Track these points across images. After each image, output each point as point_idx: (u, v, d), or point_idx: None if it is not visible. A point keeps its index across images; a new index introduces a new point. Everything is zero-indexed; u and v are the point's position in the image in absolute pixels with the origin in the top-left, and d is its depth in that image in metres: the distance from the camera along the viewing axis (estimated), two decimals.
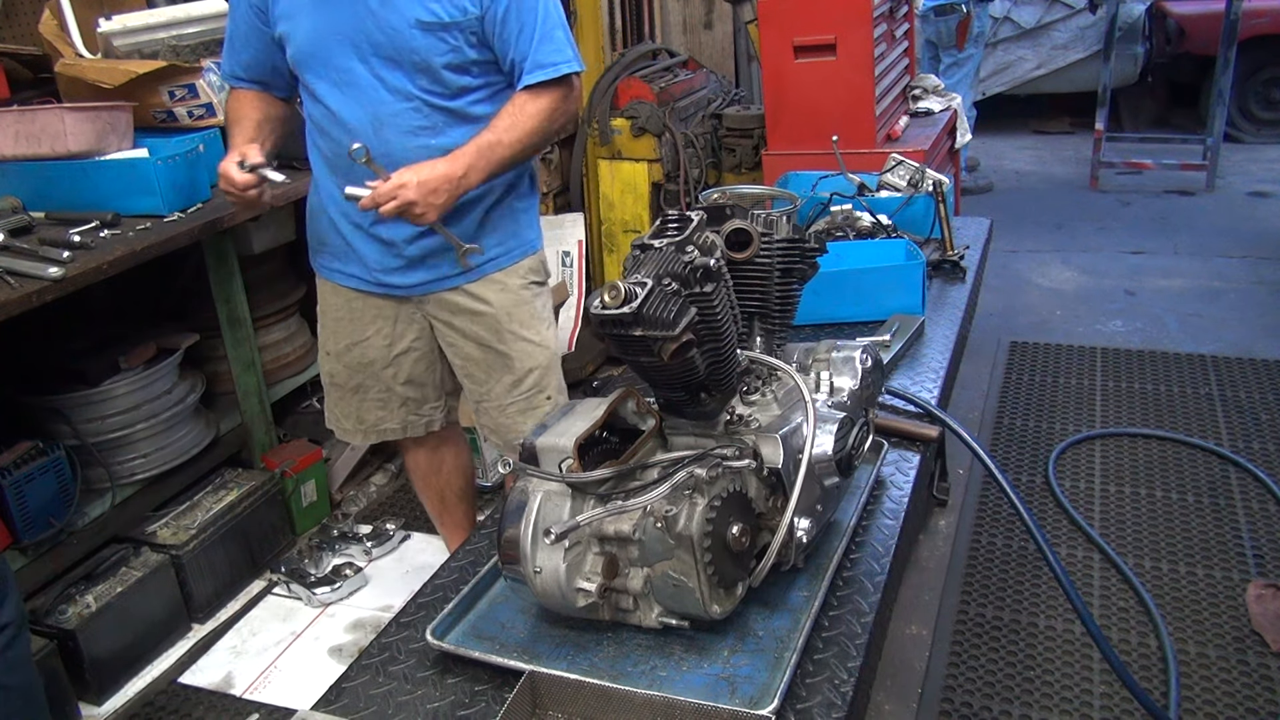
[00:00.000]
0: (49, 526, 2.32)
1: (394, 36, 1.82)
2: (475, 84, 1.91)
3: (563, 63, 1.88)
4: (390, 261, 2.01)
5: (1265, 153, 6.50)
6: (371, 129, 1.89)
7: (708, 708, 1.13)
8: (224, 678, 2.45)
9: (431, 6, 1.80)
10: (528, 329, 2.08)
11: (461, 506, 2.49)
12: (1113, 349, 3.84)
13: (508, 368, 2.09)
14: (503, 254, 2.05)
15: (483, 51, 1.88)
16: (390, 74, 1.86)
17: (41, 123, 2.36)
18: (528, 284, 2.09)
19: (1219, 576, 2.52)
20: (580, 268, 3.65)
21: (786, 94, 3.53)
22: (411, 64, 1.84)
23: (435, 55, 1.84)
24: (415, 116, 1.88)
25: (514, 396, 2.11)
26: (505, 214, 2.04)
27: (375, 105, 1.88)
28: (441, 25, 1.81)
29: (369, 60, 1.86)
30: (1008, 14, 6.87)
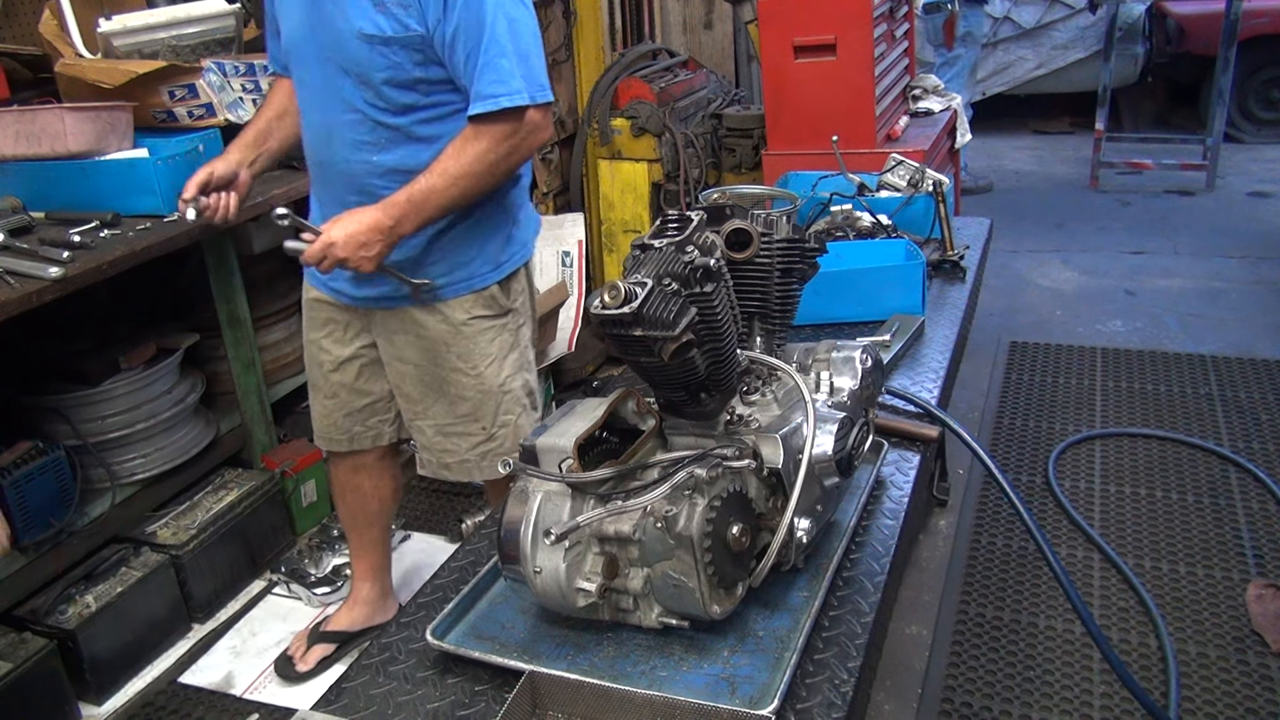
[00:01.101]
0: (49, 526, 2.32)
1: (342, 46, 1.77)
2: (423, 103, 1.81)
3: (503, 95, 1.72)
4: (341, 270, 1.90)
5: (1265, 153, 6.50)
6: (324, 136, 1.86)
7: (708, 708, 1.13)
8: (224, 678, 2.45)
9: (375, 19, 1.73)
10: (465, 362, 2.00)
11: (371, 531, 2.39)
12: (1113, 349, 3.84)
13: (442, 392, 2.04)
14: (446, 285, 1.96)
15: (432, 70, 1.78)
16: (341, 83, 1.80)
17: (41, 123, 2.36)
18: (471, 318, 1.98)
19: (1219, 576, 2.52)
20: (580, 268, 3.65)
21: (786, 94, 3.53)
22: (356, 75, 1.79)
23: (375, 70, 1.77)
24: (360, 130, 1.82)
25: (450, 418, 2.06)
26: (455, 243, 1.94)
27: (328, 113, 1.84)
28: (383, 40, 1.74)
29: (324, 65, 1.82)
30: (1008, 14, 6.87)
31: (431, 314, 1.98)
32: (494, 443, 2.09)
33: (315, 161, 1.95)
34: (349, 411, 2.17)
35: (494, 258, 1.99)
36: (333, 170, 1.88)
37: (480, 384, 2.02)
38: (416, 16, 1.72)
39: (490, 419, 2.06)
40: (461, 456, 2.10)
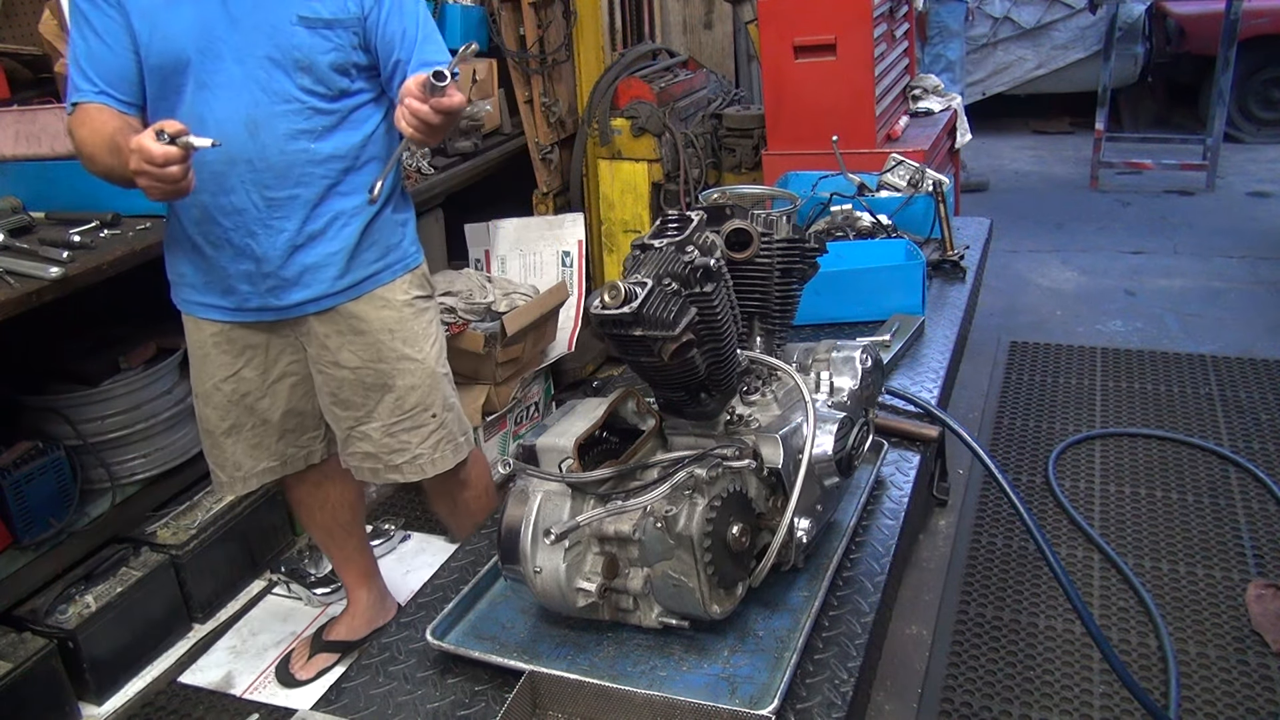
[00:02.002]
0: (49, 526, 2.32)
1: (274, 33, 1.74)
2: (354, 88, 1.84)
3: (444, 62, 1.76)
4: (262, 283, 1.89)
5: (1265, 153, 6.50)
6: (246, 132, 1.77)
7: (708, 708, 1.13)
8: (224, 677, 2.45)
9: (311, 4, 1.74)
10: (410, 346, 1.99)
11: (351, 540, 2.39)
12: (1113, 349, 3.84)
13: (388, 387, 2.00)
14: (384, 269, 1.96)
15: (364, 55, 1.82)
16: (268, 74, 1.76)
17: (41, 123, 2.36)
18: (412, 299, 2.00)
19: (1219, 576, 2.52)
20: (580, 268, 3.65)
21: (786, 94, 3.53)
22: (293, 62, 1.76)
23: (319, 53, 1.77)
24: (297, 119, 1.79)
25: (398, 415, 2.02)
26: (385, 227, 1.95)
27: (250, 107, 1.77)
28: (324, 22, 1.75)
29: (244, 60, 1.75)
30: (1008, 14, 6.87)
31: (371, 303, 1.96)
32: (445, 430, 2.08)
33: (226, 160, 1.77)
34: (281, 434, 2.10)
35: (414, 239, 2.04)
36: (260, 164, 1.79)
37: (428, 367, 2.03)
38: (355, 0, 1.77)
39: (439, 404, 2.06)
40: (414, 453, 2.06)
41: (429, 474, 2.10)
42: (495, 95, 3.64)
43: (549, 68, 3.74)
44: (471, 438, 2.19)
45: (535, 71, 3.67)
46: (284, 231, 1.85)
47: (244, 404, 2.04)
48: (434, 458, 2.08)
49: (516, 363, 3.15)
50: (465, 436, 2.15)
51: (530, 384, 3.33)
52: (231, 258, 1.88)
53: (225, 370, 2.00)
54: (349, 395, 2.01)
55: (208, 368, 2.01)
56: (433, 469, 2.10)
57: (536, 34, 3.63)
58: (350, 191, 1.88)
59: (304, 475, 2.22)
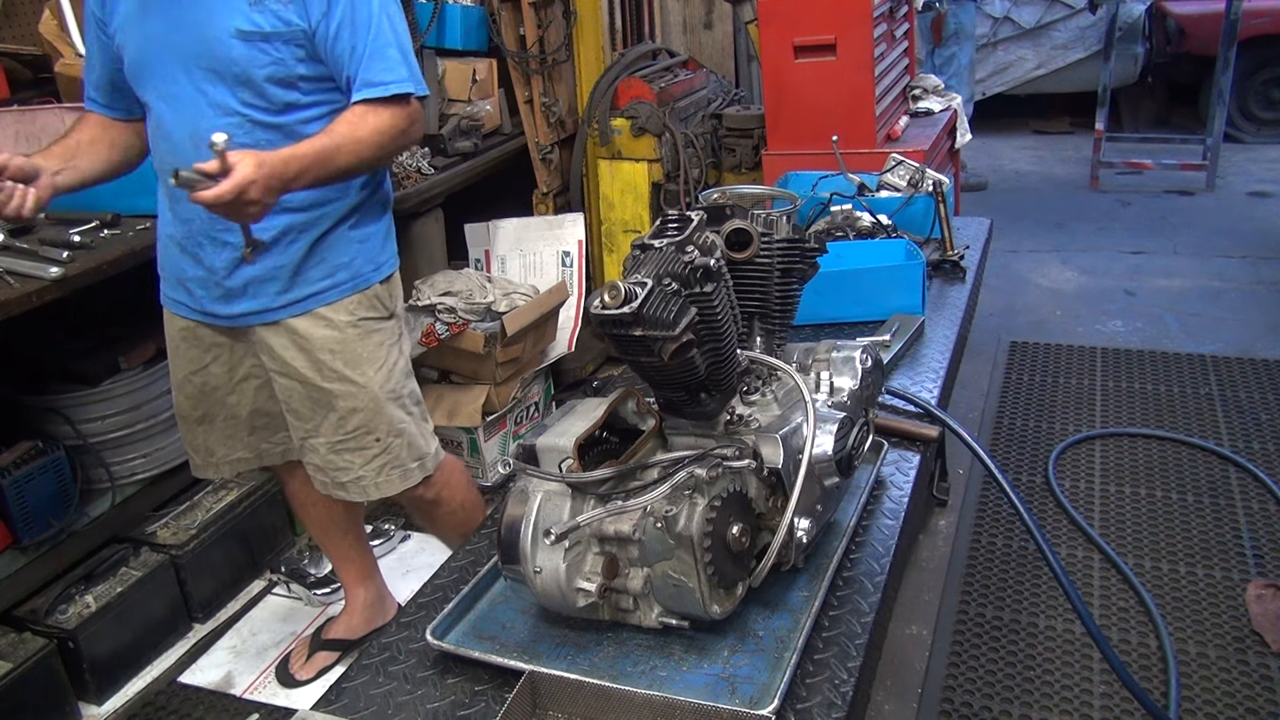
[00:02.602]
0: (49, 526, 2.32)
1: (214, 46, 1.73)
2: (304, 100, 1.80)
3: (394, 82, 1.76)
4: (212, 290, 1.90)
5: (1265, 153, 6.50)
6: (191, 145, 1.76)
7: (708, 708, 1.13)
8: (224, 677, 2.45)
9: (252, 16, 1.71)
10: (351, 369, 1.94)
11: (348, 537, 2.38)
12: (1113, 349, 3.84)
13: (330, 406, 1.96)
14: (330, 287, 1.91)
15: (313, 67, 1.78)
16: (212, 87, 1.76)
17: (41, 123, 2.36)
18: (357, 320, 1.94)
19: (1219, 576, 2.52)
20: (580, 268, 3.65)
21: (786, 94, 3.53)
22: (233, 76, 1.74)
23: (256, 67, 1.73)
24: (237, 133, 1.75)
25: (341, 435, 1.98)
26: (338, 245, 1.90)
27: (195, 120, 1.77)
28: (262, 35, 1.72)
29: (191, 72, 1.76)
30: (1008, 14, 6.87)
31: (313, 321, 1.91)
32: (389, 455, 2.01)
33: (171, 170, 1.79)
34: (251, 430, 2.10)
35: (374, 256, 1.96)
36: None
37: (371, 391, 1.95)
38: (298, 11, 1.72)
39: (384, 429, 1.99)
40: (356, 474, 2.02)
41: (373, 496, 2.07)
42: (495, 95, 3.64)
43: (549, 68, 3.74)
44: (430, 463, 2.10)
45: (535, 71, 3.67)
46: (229, 244, 1.84)
47: (214, 397, 2.05)
48: (378, 481, 2.03)
49: (516, 363, 3.15)
50: (418, 462, 2.07)
51: (530, 384, 3.33)
52: (189, 262, 1.91)
53: (194, 364, 2.03)
54: (298, 406, 1.99)
55: (178, 359, 2.05)
56: (376, 492, 2.05)
57: (536, 34, 3.63)
58: (302, 206, 1.84)
59: (296, 470, 2.21)
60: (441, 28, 3.43)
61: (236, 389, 2.05)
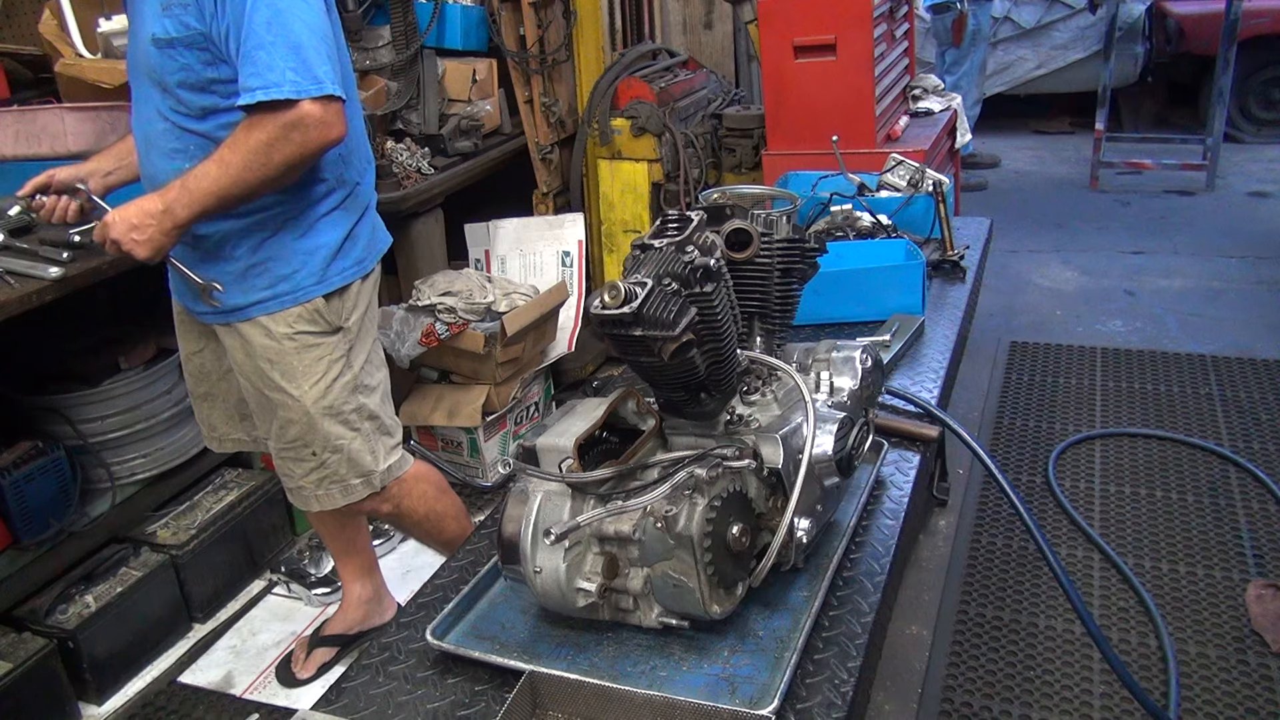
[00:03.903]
0: (49, 526, 2.32)
1: (144, 55, 1.77)
2: (222, 105, 1.75)
3: (259, 88, 1.64)
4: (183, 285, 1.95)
5: (1265, 153, 6.50)
6: (144, 148, 1.87)
7: (708, 708, 1.13)
8: (224, 677, 2.45)
9: (163, 22, 1.71)
10: (287, 380, 1.91)
11: (346, 531, 2.37)
12: (1113, 349, 3.84)
13: (272, 413, 1.97)
14: (270, 298, 1.88)
15: (223, 70, 1.72)
16: (151, 93, 1.80)
17: (41, 123, 2.36)
18: (294, 334, 1.90)
19: (1219, 576, 2.52)
20: (580, 268, 3.65)
21: (786, 94, 3.53)
22: (156, 83, 1.77)
23: (168, 73, 1.74)
24: (169, 138, 1.80)
25: (282, 443, 1.99)
26: (282, 255, 1.87)
27: (145, 124, 1.84)
28: (168, 41, 1.71)
29: (139, 78, 1.82)
30: (1008, 14, 6.88)
31: (255, 329, 1.90)
32: (326, 470, 1.99)
33: (143, 174, 1.91)
34: (243, 417, 2.15)
35: (319, 271, 1.91)
36: (156, 182, 1.82)
37: (304, 405, 1.92)
38: (195, 13, 1.69)
39: (320, 444, 1.96)
40: (298, 482, 2.02)
41: (314, 508, 2.06)
42: (495, 95, 3.64)
43: (549, 68, 3.74)
44: (377, 480, 2.05)
45: (535, 71, 3.67)
46: (185, 244, 1.84)
47: (210, 379, 2.13)
48: (318, 493, 2.02)
49: (516, 363, 3.15)
50: (363, 479, 2.03)
51: (530, 384, 3.33)
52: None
53: (192, 347, 2.11)
54: (254, 407, 2.03)
55: (182, 341, 2.13)
56: (317, 505, 2.04)
57: (536, 34, 3.63)
58: (242, 213, 1.81)
59: None
60: (441, 28, 3.43)
61: (225, 377, 2.11)
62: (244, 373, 1.98)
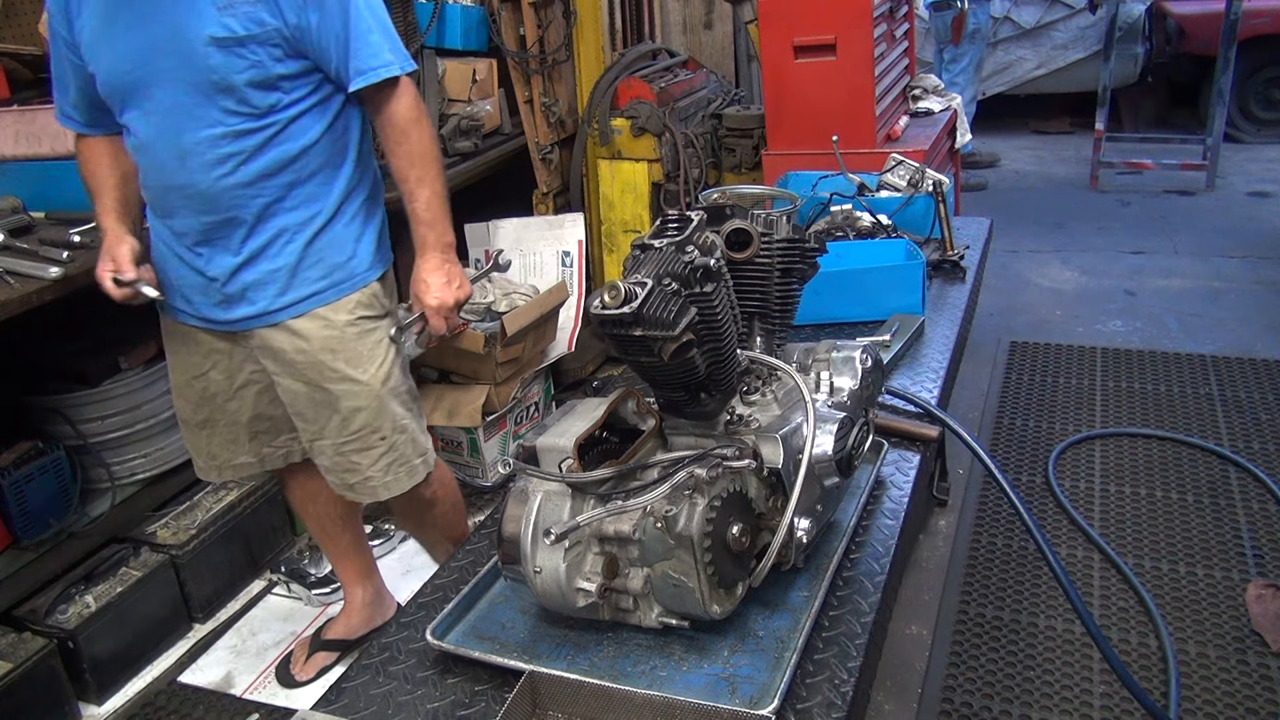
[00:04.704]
0: (49, 526, 2.32)
1: (190, 58, 1.69)
2: (286, 100, 1.77)
3: (381, 67, 1.77)
4: (211, 296, 1.90)
5: (1265, 153, 6.50)
6: (177, 161, 1.76)
7: (708, 708, 1.13)
8: (224, 677, 2.45)
9: (223, 21, 1.67)
10: (353, 367, 1.92)
11: (346, 535, 2.37)
12: (1113, 349, 3.84)
13: (334, 407, 1.94)
14: (328, 288, 1.90)
15: (291, 64, 1.75)
16: (191, 100, 1.72)
17: (41, 123, 2.36)
18: (355, 320, 1.93)
19: (1219, 576, 2.52)
20: (580, 268, 3.65)
21: (786, 94, 3.53)
22: (211, 85, 1.71)
23: (235, 73, 1.70)
24: (218, 146, 1.75)
25: (346, 436, 1.97)
26: (334, 244, 1.89)
27: (178, 134, 1.75)
28: (237, 40, 1.68)
29: (169, 87, 1.72)
30: (1008, 14, 6.88)
31: (312, 321, 1.90)
32: (395, 453, 2.01)
33: (163, 188, 1.83)
34: (252, 436, 2.09)
35: (371, 255, 1.96)
36: (191, 191, 1.78)
37: (372, 389, 1.94)
38: (269, 9, 1.69)
39: (389, 427, 1.98)
40: (365, 474, 2.01)
41: (382, 496, 2.05)
42: (495, 95, 3.64)
43: (549, 68, 3.73)
44: (431, 458, 2.10)
45: (535, 71, 3.67)
46: (226, 251, 1.84)
47: (214, 403, 2.05)
48: (386, 480, 2.03)
49: (516, 363, 3.15)
50: (422, 459, 2.07)
51: (530, 384, 3.33)
52: (185, 271, 1.90)
53: (193, 370, 2.02)
54: (302, 409, 1.98)
55: (178, 364, 2.04)
56: (385, 492, 2.04)
57: (536, 34, 3.63)
58: (295, 205, 1.83)
59: (296, 470, 2.22)
60: (441, 28, 3.43)
61: (236, 395, 2.04)
62: (296, 372, 1.92)
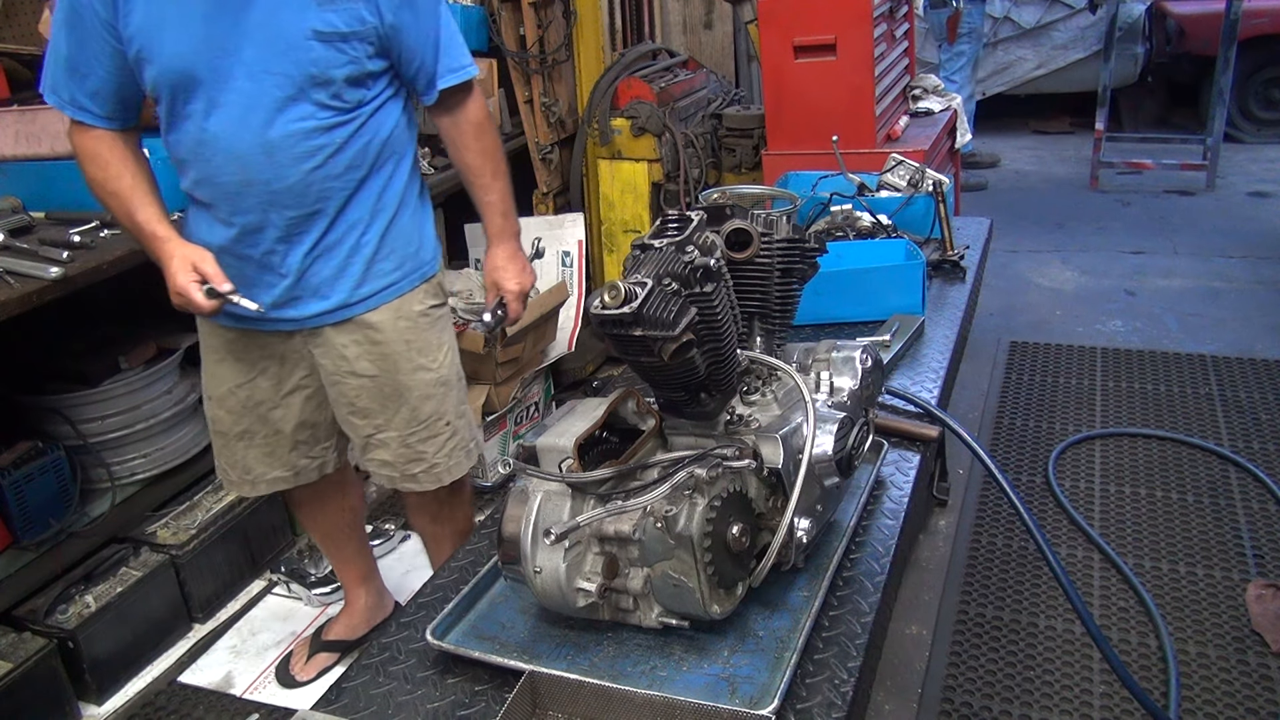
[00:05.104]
0: (49, 526, 2.32)
1: (290, 50, 1.67)
2: (369, 96, 1.80)
3: (468, 66, 1.89)
4: (279, 295, 1.84)
5: (1265, 153, 6.50)
6: (263, 154, 1.72)
7: (708, 708, 1.13)
8: (224, 677, 2.45)
9: (325, 16, 1.68)
10: (425, 356, 1.96)
11: (351, 543, 2.37)
12: (1113, 349, 3.84)
13: (404, 399, 1.96)
14: (401, 279, 1.92)
15: (379, 62, 1.78)
16: (284, 91, 1.70)
17: (41, 123, 2.36)
18: (427, 309, 1.96)
19: (1219, 576, 2.52)
20: (580, 268, 3.65)
21: (786, 94, 3.53)
22: (309, 78, 1.70)
23: (335, 67, 1.71)
24: (308, 139, 1.73)
25: (415, 426, 1.99)
26: (402, 235, 1.91)
27: (266, 127, 1.71)
28: (340, 35, 1.69)
29: (260, 78, 1.68)
30: (1008, 14, 6.88)
31: (386, 313, 1.91)
32: (457, 436, 2.05)
33: (239, 183, 1.75)
34: (294, 445, 2.06)
35: (433, 246, 2.01)
36: (278, 186, 1.75)
37: (440, 377, 1.99)
38: (368, 8, 1.71)
39: (453, 412, 2.03)
40: (430, 462, 2.03)
41: (445, 482, 2.07)
42: (495, 95, 3.64)
43: (549, 68, 3.74)
44: (481, 440, 2.17)
45: (535, 71, 3.67)
46: (303, 246, 1.81)
47: (257, 412, 2.00)
48: (449, 465, 2.06)
49: (516, 363, 3.15)
50: (474, 440, 2.14)
51: (530, 384, 3.33)
52: (254, 271, 1.83)
53: (240, 378, 1.97)
54: (366, 404, 1.96)
55: (221, 373, 1.97)
56: (449, 476, 2.06)
57: (536, 34, 3.63)
58: (370, 197, 1.84)
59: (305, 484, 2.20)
60: None
61: (283, 403, 2.00)
62: (361, 369, 1.92)
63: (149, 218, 1.76)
